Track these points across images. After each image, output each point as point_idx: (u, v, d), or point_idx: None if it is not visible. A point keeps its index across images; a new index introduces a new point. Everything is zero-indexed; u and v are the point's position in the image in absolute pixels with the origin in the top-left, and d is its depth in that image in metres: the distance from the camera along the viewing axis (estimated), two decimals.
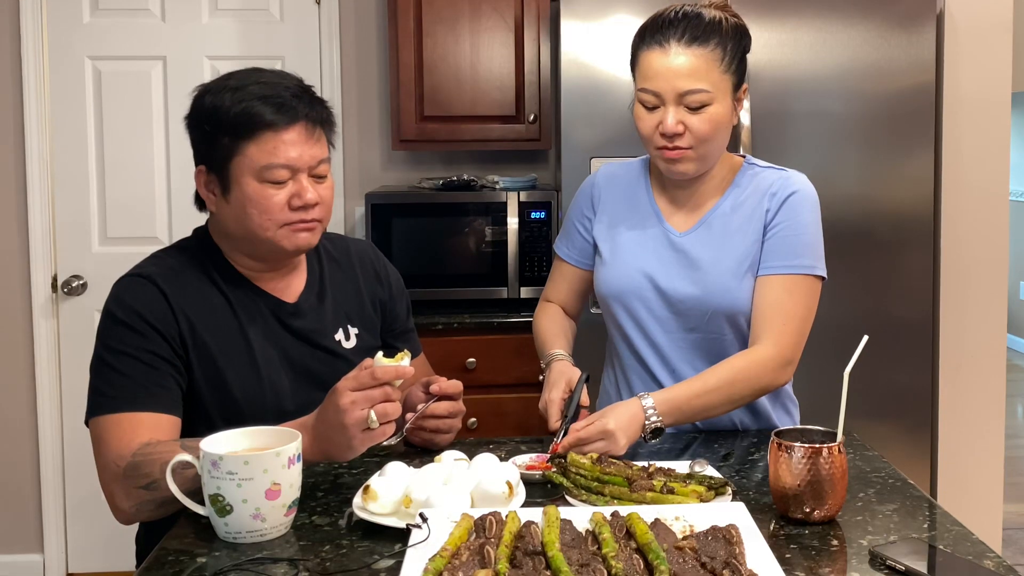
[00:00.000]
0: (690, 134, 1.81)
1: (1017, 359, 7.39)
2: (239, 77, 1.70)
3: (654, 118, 1.83)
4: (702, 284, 1.89)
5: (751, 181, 1.94)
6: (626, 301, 1.94)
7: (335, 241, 1.92)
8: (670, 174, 1.90)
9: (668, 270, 1.92)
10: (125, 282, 1.70)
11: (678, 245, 1.93)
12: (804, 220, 1.89)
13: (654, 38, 1.82)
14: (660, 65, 1.81)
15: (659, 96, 1.81)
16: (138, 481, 1.53)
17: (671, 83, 1.80)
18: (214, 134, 1.67)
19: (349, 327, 1.84)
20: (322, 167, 1.70)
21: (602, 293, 1.99)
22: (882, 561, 1.31)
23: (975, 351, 3.35)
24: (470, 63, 3.41)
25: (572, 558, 1.24)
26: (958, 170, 3.29)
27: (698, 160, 1.86)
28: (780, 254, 1.87)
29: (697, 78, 1.79)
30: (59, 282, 3.64)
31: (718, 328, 1.91)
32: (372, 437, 1.49)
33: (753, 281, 1.88)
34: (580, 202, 2.07)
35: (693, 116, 1.81)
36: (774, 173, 1.94)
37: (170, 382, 1.65)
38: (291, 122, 1.65)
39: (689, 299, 1.90)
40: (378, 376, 1.49)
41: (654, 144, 1.86)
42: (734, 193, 1.94)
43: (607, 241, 1.99)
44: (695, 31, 1.80)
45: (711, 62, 1.80)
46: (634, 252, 1.95)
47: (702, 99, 1.80)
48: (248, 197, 1.66)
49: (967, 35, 3.27)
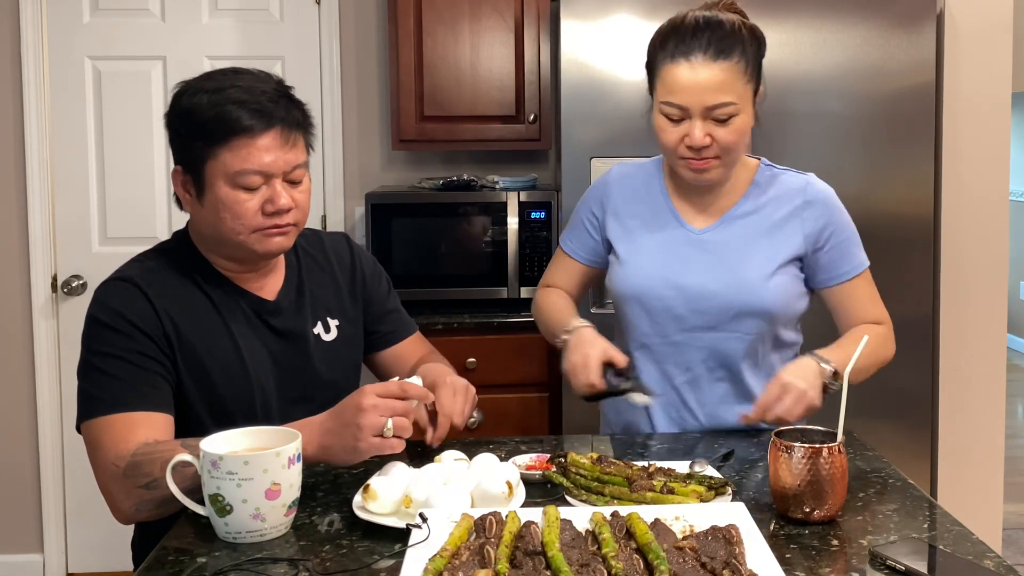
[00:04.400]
0: (717, 145, 1.84)
1: (1017, 359, 7.39)
2: (217, 78, 1.69)
3: (679, 131, 1.85)
4: (727, 281, 1.91)
5: (771, 183, 1.97)
6: (645, 299, 1.94)
7: (310, 237, 1.92)
8: (696, 182, 1.92)
9: (689, 267, 1.93)
10: (107, 286, 1.71)
11: (698, 243, 1.94)
12: (846, 220, 1.98)
13: (678, 50, 1.83)
14: (687, 79, 1.81)
15: (685, 110, 1.82)
16: (138, 480, 1.53)
17: (699, 97, 1.81)
18: (189, 136, 1.67)
19: (328, 319, 1.85)
20: (297, 172, 1.69)
21: (620, 292, 1.99)
22: (882, 561, 1.31)
23: (975, 351, 3.34)
24: (470, 63, 3.41)
25: (572, 558, 1.24)
26: (958, 170, 3.29)
27: (723, 168, 1.89)
28: (845, 260, 1.96)
29: (724, 91, 1.81)
30: (59, 282, 3.64)
31: (742, 327, 1.92)
32: (381, 446, 1.49)
33: (783, 282, 1.91)
34: (590, 200, 2.07)
35: (720, 128, 1.83)
36: (795, 178, 1.98)
37: (159, 381, 1.65)
38: (266, 128, 1.64)
39: (714, 296, 1.91)
40: (405, 389, 1.53)
41: (678, 155, 1.87)
42: (754, 194, 1.96)
43: (623, 241, 1.99)
44: (719, 44, 1.81)
45: (736, 74, 1.82)
46: (653, 250, 1.96)
47: (729, 111, 1.82)
48: (221, 201, 1.65)
49: (967, 35, 3.27)
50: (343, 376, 1.82)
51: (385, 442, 1.50)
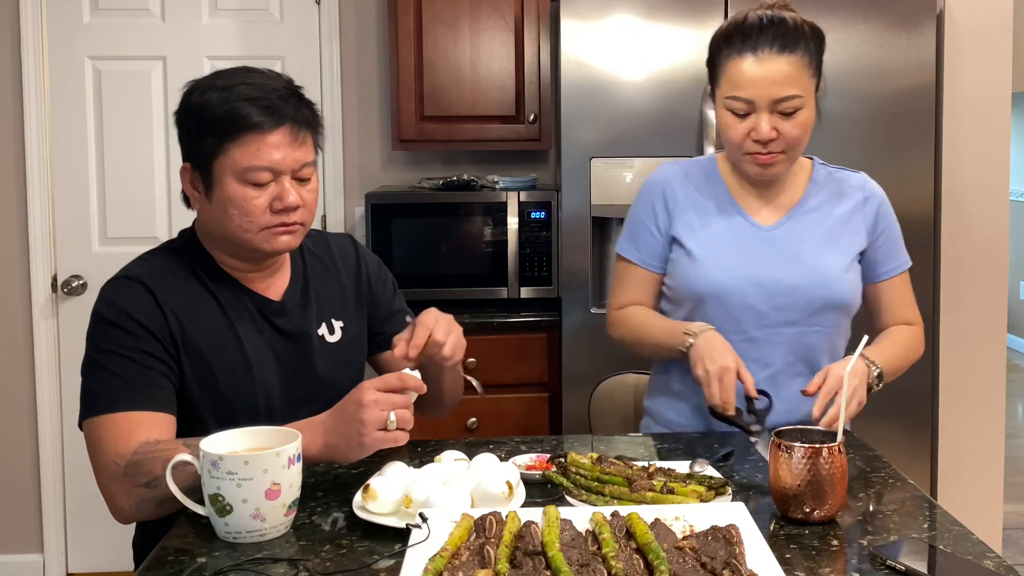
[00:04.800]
0: (783, 139, 1.87)
1: (1017, 359, 7.39)
2: (227, 76, 1.69)
3: (745, 125, 1.87)
4: (806, 276, 1.93)
5: (828, 180, 2.02)
6: (725, 296, 1.94)
7: (316, 239, 1.92)
8: (761, 177, 1.94)
9: (766, 263, 1.94)
10: (113, 284, 1.71)
11: (768, 238, 1.96)
12: (895, 218, 2.05)
13: (744, 45, 1.86)
14: (754, 73, 1.85)
15: (752, 103, 1.85)
16: (139, 479, 1.53)
17: (766, 91, 1.84)
18: (199, 133, 1.66)
19: (333, 321, 1.85)
20: (306, 170, 1.69)
21: (696, 290, 1.96)
22: (882, 561, 1.31)
23: (975, 351, 3.34)
24: (470, 63, 3.41)
25: (572, 558, 1.24)
26: (958, 170, 3.29)
27: (788, 162, 1.92)
28: (893, 256, 2.03)
29: (791, 84, 1.84)
30: (59, 282, 3.64)
31: (822, 320, 1.94)
32: (385, 439, 1.49)
33: (856, 276, 1.97)
34: (649, 201, 2.04)
35: (786, 121, 1.86)
36: (851, 175, 2.05)
37: (163, 380, 1.65)
38: (276, 125, 1.64)
39: (795, 291, 1.93)
40: (404, 381, 1.52)
41: (744, 150, 1.90)
42: (815, 191, 2.01)
43: (693, 238, 1.98)
44: (784, 38, 1.84)
45: (801, 68, 1.85)
46: (726, 246, 1.96)
47: (795, 104, 1.85)
48: (229, 198, 1.65)
49: (967, 35, 3.27)
50: (346, 377, 1.82)
51: (389, 435, 1.50)
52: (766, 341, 1.94)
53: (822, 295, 1.93)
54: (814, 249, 1.95)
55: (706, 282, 1.95)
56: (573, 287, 3.12)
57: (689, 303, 1.98)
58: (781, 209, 1.99)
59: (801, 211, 1.98)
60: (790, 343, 1.94)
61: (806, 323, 1.94)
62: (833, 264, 1.95)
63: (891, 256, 2.03)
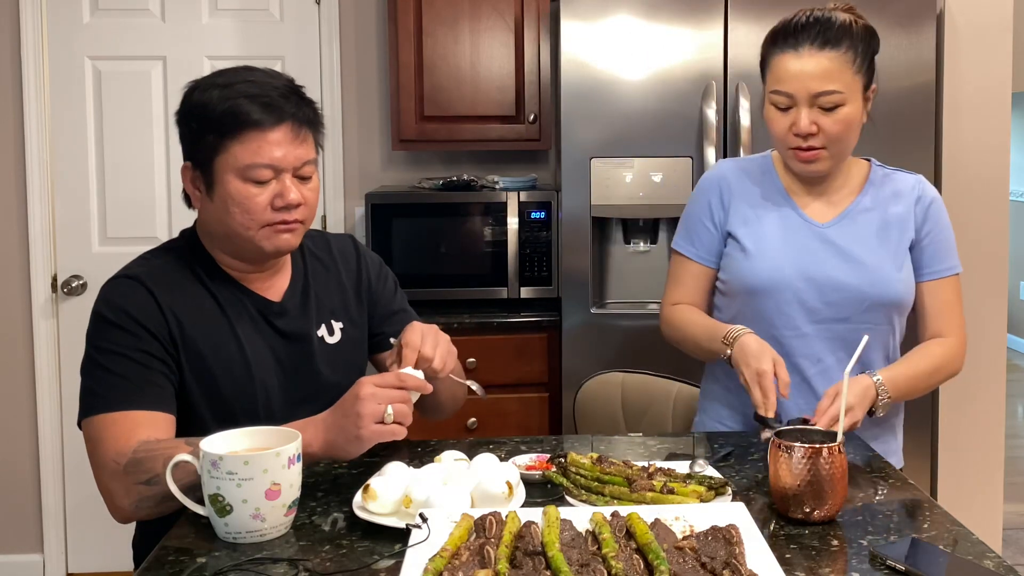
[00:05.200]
0: (823, 134, 1.88)
1: (1017, 359, 7.39)
2: (228, 75, 1.70)
3: (787, 119, 1.89)
4: (861, 274, 1.93)
5: (885, 181, 2.03)
6: (778, 291, 1.94)
7: (316, 239, 1.92)
8: (804, 173, 1.95)
9: (820, 260, 1.95)
10: (113, 284, 1.71)
11: (823, 236, 1.97)
12: (947, 222, 2.04)
13: (787, 42, 1.88)
14: (794, 68, 1.86)
15: (792, 97, 1.87)
16: (139, 477, 1.53)
17: (804, 84, 1.85)
18: (200, 131, 1.66)
19: (333, 322, 1.85)
20: (307, 168, 1.69)
21: (749, 284, 1.97)
22: (882, 561, 1.31)
23: (975, 351, 3.34)
24: (470, 63, 3.41)
25: (572, 558, 1.24)
26: (958, 170, 3.29)
27: (831, 159, 1.92)
28: (941, 258, 2.00)
29: (830, 79, 1.85)
30: (59, 282, 3.64)
31: (873, 318, 1.94)
32: (382, 433, 1.50)
33: (909, 274, 1.97)
34: (706, 197, 2.05)
35: (826, 117, 1.87)
36: (908, 176, 2.04)
37: (163, 380, 1.65)
38: (277, 122, 1.64)
39: (847, 288, 1.93)
40: (402, 379, 1.53)
41: (787, 144, 1.91)
42: (871, 191, 2.01)
43: (748, 234, 1.99)
44: (827, 34, 1.86)
45: (844, 64, 1.86)
46: (780, 242, 1.97)
47: (835, 100, 1.86)
48: (231, 195, 1.65)
49: (967, 35, 3.27)
50: (346, 378, 1.81)
51: (386, 428, 1.50)
52: (816, 337, 1.95)
53: (873, 293, 1.93)
54: (867, 248, 1.96)
55: (758, 277, 1.96)
56: (573, 287, 3.12)
57: (742, 297, 1.99)
58: (836, 207, 2.00)
59: (856, 210, 1.99)
60: (841, 339, 1.94)
61: (857, 320, 1.94)
62: (886, 263, 1.95)
63: (937, 258, 2.00)
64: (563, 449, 1.75)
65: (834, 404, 1.73)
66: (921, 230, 1.99)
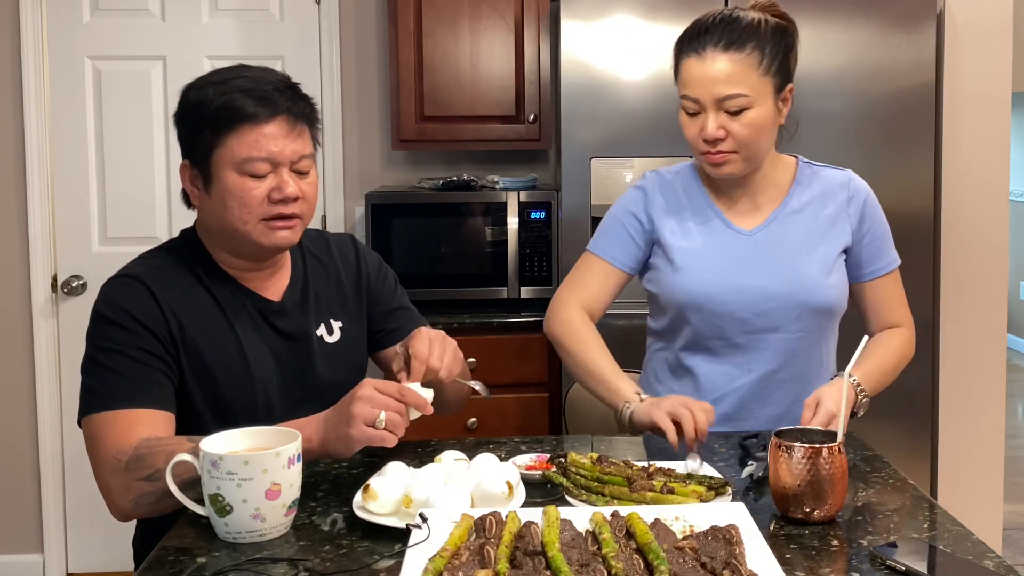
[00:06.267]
0: (732, 138, 1.85)
1: (1017, 359, 7.39)
2: (223, 72, 1.71)
3: (696, 124, 1.87)
4: (787, 281, 1.91)
5: (813, 180, 1.99)
6: (707, 304, 1.93)
7: (315, 239, 1.92)
8: (717, 176, 1.93)
9: (748, 270, 1.93)
10: (113, 283, 1.71)
11: (750, 243, 1.94)
12: (882, 217, 2.02)
13: (691, 46, 1.86)
14: (698, 72, 1.84)
15: (699, 102, 1.85)
16: (140, 472, 1.53)
17: (709, 89, 1.83)
18: (197, 128, 1.67)
19: (332, 321, 1.85)
20: (304, 162, 1.69)
21: (678, 299, 1.95)
22: (882, 561, 1.31)
23: (975, 351, 3.34)
24: (470, 63, 3.41)
25: (572, 558, 1.24)
26: (958, 170, 3.29)
27: (743, 162, 1.89)
28: (882, 255, 2.00)
29: (734, 83, 1.82)
30: (59, 282, 3.64)
31: (805, 326, 1.92)
32: (371, 437, 1.49)
33: (839, 279, 1.94)
34: (630, 206, 2.03)
35: (733, 121, 1.84)
36: (837, 173, 2.01)
37: (163, 378, 1.65)
38: (272, 115, 1.65)
39: (777, 297, 1.91)
40: (404, 394, 1.53)
41: (699, 149, 1.89)
42: (799, 192, 1.98)
43: (676, 247, 1.97)
44: (731, 36, 1.83)
45: (748, 66, 1.83)
46: (707, 255, 1.95)
47: (741, 103, 1.83)
48: (228, 190, 1.66)
49: (967, 35, 3.27)
50: (346, 378, 1.82)
51: (376, 433, 1.49)
52: (750, 347, 1.93)
53: (804, 300, 1.91)
54: (796, 253, 1.93)
55: (687, 292, 1.94)
56: None
57: (673, 311, 1.98)
58: (763, 211, 1.97)
59: (784, 213, 1.96)
60: (774, 349, 1.93)
61: (789, 329, 1.92)
62: (815, 267, 1.92)
63: (878, 255, 1.99)
64: (563, 449, 1.75)
65: (817, 415, 1.71)
66: (860, 230, 1.97)
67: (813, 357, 1.97)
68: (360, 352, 1.92)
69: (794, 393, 1.93)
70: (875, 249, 1.99)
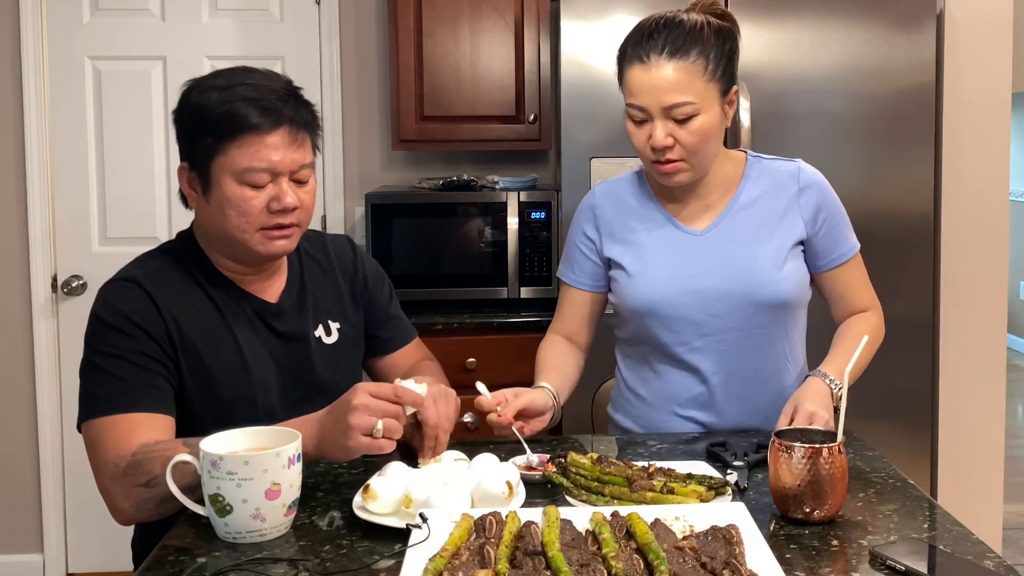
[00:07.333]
0: (680, 146, 1.82)
1: (1017, 359, 7.39)
2: (227, 76, 1.70)
3: (644, 132, 1.84)
4: (740, 279, 1.89)
5: (762, 174, 1.96)
6: (660, 310, 1.92)
7: (313, 239, 1.92)
8: (668, 184, 1.90)
9: (699, 272, 1.91)
10: (110, 287, 1.71)
11: (701, 245, 1.92)
12: (837, 203, 1.98)
13: (635, 52, 1.83)
14: (643, 80, 1.81)
15: (645, 111, 1.82)
16: (139, 479, 1.53)
17: (655, 98, 1.80)
18: (197, 132, 1.67)
19: (330, 322, 1.85)
20: (303, 172, 1.69)
21: (632, 307, 1.95)
22: (882, 561, 1.31)
23: (975, 351, 3.34)
24: (470, 63, 3.41)
25: (572, 558, 1.24)
26: (958, 170, 3.29)
27: (692, 169, 1.87)
28: (839, 243, 1.96)
29: (680, 91, 1.79)
30: (59, 282, 3.64)
31: (762, 323, 1.91)
32: (370, 446, 1.50)
33: (793, 271, 1.91)
34: (580, 224, 2.03)
35: (681, 128, 1.81)
36: (785, 164, 1.97)
37: (162, 382, 1.65)
38: (275, 125, 1.64)
39: (730, 296, 1.89)
40: (399, 394, 1.53)
41: (648, 158, 1.86)
42: (747, 187, 1.95)
43: (626, 256, 1.96)
44: (675, 43, 1.79)
45: (693, 73, 1.80)
46: (658, 260, 1.93)
47: (688, 111, 1.80)
48: (227, 198, 1.65)
49: (967, 35, 3.27)
50: (344, 379, 1.82)
51: (374, 442, 1.50)
52: (709, 350, 1.92)
53: (757, 296, 1.89)
54: (746, 251, 1.91)
55: (642, 299, 1.93)
56: None
57: (633, 319, 1.97)
58: (712, 210, 1.94)
59: (734, 210, 1.94)
60: (734, 348, 1.91)
61: (746, 326, 1.91)
62: (767, 262, 1.90)
63: (836, 243, 1.95)
64: (563, 449, 1.75)
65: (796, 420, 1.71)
66: (815, 221, 1.93)
67: (777, 351, 1.95)
68: (357, 353, 1.92)
69: (761, 390, 1.94)
70: (832, 238, 1.95)
